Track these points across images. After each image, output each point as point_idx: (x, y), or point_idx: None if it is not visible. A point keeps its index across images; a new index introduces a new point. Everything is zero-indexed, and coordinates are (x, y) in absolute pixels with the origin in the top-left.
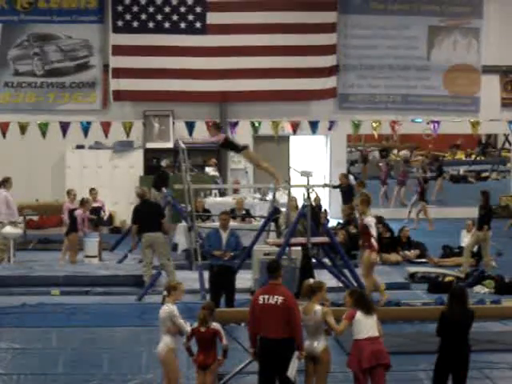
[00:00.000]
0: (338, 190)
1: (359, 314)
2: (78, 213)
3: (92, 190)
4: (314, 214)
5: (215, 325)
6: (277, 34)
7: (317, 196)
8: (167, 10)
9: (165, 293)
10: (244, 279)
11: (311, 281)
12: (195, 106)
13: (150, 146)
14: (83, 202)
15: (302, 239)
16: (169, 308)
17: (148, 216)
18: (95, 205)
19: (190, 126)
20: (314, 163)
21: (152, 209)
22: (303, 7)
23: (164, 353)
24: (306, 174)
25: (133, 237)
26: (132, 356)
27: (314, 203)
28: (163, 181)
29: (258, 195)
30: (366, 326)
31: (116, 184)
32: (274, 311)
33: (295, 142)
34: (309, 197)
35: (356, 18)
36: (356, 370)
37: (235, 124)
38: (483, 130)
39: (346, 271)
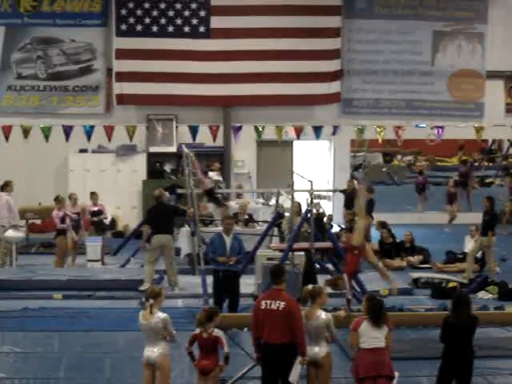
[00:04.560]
0: (343, 194)
1: (365, 324)
2: (54, 213)
3: (92, 195)
4: (317, 221)
5: (217, 331)
6: (281, 39)
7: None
8: (171, 13)
9: (151, 301)
10: (247, 284)
11: (310, 287)
12: (199, 110)
13: (153, 150)
14: (58, 200)
15: (305, 244)
16: (164, 316)
17: (161, 218)
18: (95, 209)
19: (194, 130)
20: (317, 168)
21: (165, 211)
22: (307, 12)
23: (163, 359)
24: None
25: (144, 237)
26: (134, 361)
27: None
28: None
29: (261, 200)
30: (371, 337)
31: (119, 188)
32: (276, 316)
33: (299, 146)
34: (312, 202)
35: (360, 23)
36: (354, 377)
37: (239, 128)
38: (487, 135)
39: None
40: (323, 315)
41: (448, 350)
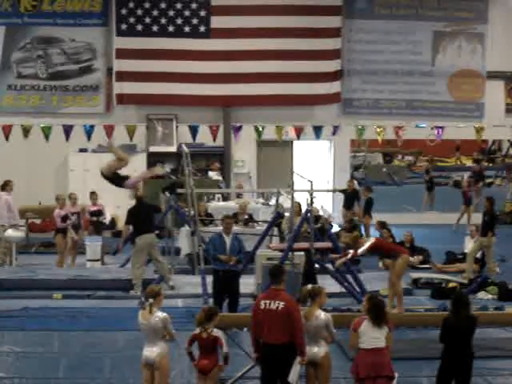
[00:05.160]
0: (343, 194)
1: (366, 324)
2: (56, 212)
3: (92, 195)
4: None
5: (216, 331)
6: (281, 39)
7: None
8: (171, 13)
9: (151, 300)
10: (247, 284)
11: (309, 286)
12: (199, 110)
13: (153, 149)
14: (58, 199)
15: (304, 244)
16: (163, 315)
17: (143, 218)
18: (94, 208)
19: (194, 130)
20: (317, 168)
21: (147, 211)
22: (308, 12)
23: (162, 359)
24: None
25: (123, 237)
26: (134, 360)
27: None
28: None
29: (261, 200)
30: (372, 337)
31: (119, 188)
32: (275, 316)
33: (299, 146)
34: (312, 202)
35: (361, 23)
36: (354, 377)
37: (239, 128)
38: (487, 135)
39: (348, 276)
40: (322, 315)
41: (447, 351)
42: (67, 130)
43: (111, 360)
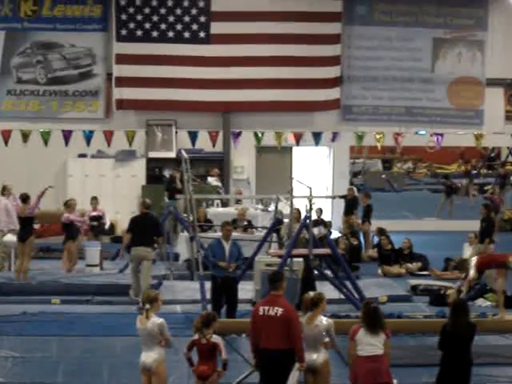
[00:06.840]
0: (343, 200)
1: (362, 332)
2: (65, 217)
3: (93, 199)
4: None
5: (215, 337)
6: (280, 45)
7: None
8: (171, 19)
9: (148, 306)
10: (245, 290)
11: (311, 294)
12: (198, 115)
13: (152, 155)
14: (67, 204)
15: (303, 250)
16: (160, 321)
17: (142, 230)
18: (95, 214)
19: (193, 136)
20: (316, 174)
21: (149, 223)
22: (308, 18)
23: (158, 365)
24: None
25: (123, 245)
26: (132, 365)
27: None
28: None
29: (260, 206)
30: (368, 344)
31: (118, 193)
32: (274, 323)
33: (298, 153)
34: (311, 208)
35: (360, 30)
36: None
37: (238, 134)
38: (487, 143)
39: (347, 283)
40: (324, 320)
41: (446, 357)
42: (66, 136)
43: (110, 365)
